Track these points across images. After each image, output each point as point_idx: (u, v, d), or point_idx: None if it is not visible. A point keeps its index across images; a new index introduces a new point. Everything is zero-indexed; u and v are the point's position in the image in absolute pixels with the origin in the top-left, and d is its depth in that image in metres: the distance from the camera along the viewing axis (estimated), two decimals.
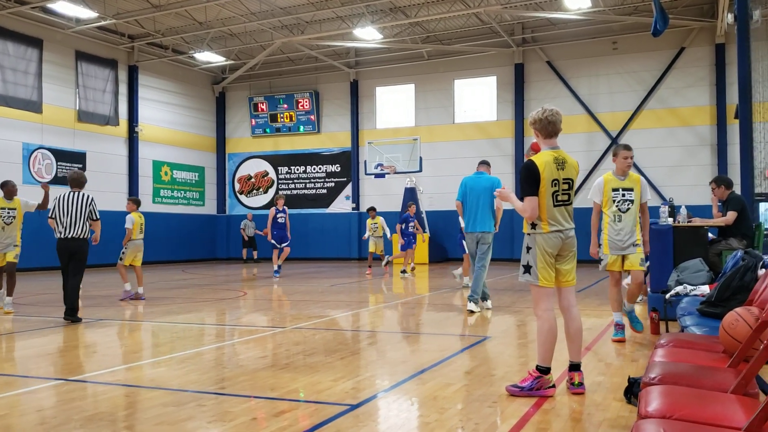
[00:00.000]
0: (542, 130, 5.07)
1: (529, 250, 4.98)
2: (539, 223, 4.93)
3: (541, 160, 4.92)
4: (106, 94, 24.24)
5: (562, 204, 4.95)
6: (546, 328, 4.99)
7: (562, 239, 4.98)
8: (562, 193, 4.94)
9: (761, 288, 3.95)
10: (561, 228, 4.95)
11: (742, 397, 2.83)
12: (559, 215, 4.94)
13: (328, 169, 28.15)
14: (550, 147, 5.04)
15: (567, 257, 5.05)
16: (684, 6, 22.12)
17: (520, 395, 4.87)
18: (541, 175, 4.86)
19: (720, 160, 21.96)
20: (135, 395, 5.18)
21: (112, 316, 10.02)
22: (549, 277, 4.97)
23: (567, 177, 4.97)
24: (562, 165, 4.96)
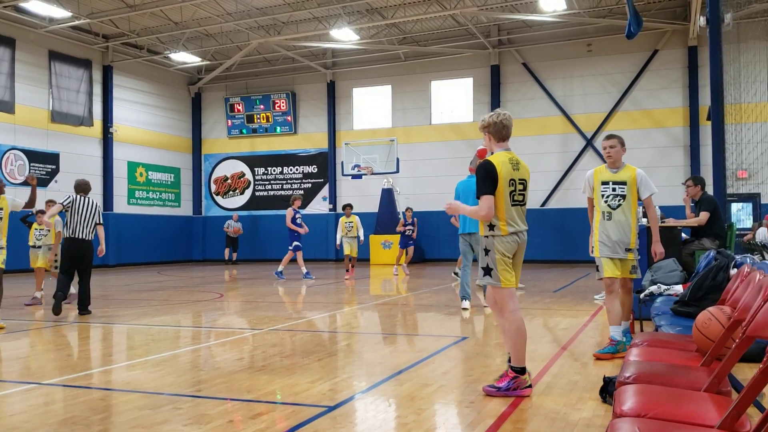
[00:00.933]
0: (496, 134, 5.15)
1: (488, 253, 5.03)
2: (497, 224, 4.97)
3: (498, 159, 4.99)
4: (80, 94, 23.95)
5: (518, 204, 5.05)
6: (515, 328, 5.03)
7: (518, 242, 5.06)
8: (518, 193, 5.04)
9: (733, 287, 4.01)
10: (518, 229, 5.03)
11: (715, 395, 2.87)
12: (516, 215, 5.02)
13: (305, 170, 28.07)
14: (504, 149, 5.12)
15: (518, 258, 5.12)
16: (657, 9, 22.41)
17: (497, 395, 4.89)
18: (499, 175, 4.92)
19: (693, 161, 22.26)
20: (110, 399, 5.12)
21: (86, 319, 9.89)
22: (510, 277, 5.02)
23: (522, 177, 5.08)
24: (517, 166, 5.06)
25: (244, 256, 28.18)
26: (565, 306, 10.95)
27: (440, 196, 23.54)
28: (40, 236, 12.05)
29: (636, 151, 23.02)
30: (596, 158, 23.45)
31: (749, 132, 16.12)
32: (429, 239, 24.87)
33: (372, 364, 6.25)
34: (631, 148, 23.94)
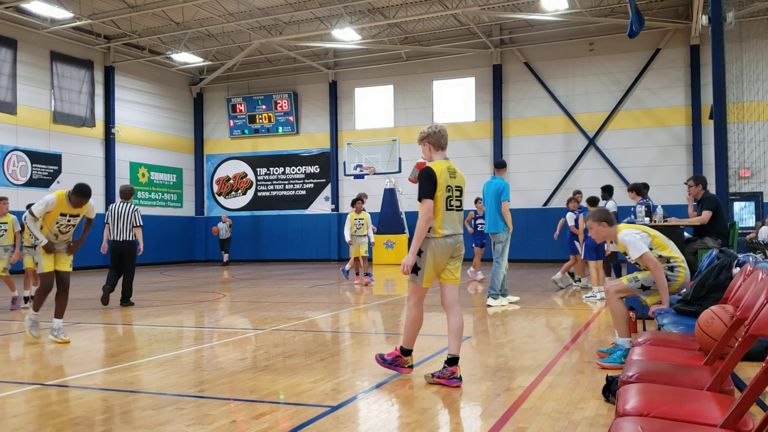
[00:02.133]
0: (435, 144, 5.56)
1: (421, 254, 5.32)
2: (434, 227, 5.27)
3: (438, 167, 5.35)
4: (82, 95, 23.99)
5: (454, 209, 5.37)
6: (412, 318, 5.55)
7: (453, 244, 5.38)
8: (455, 199, 5.38)
9: (736, 286, 4.01)
10: (453, 233, 5.36)
11: (718, 394, 2.86)
12: (450, 221, 5.35)
13: (307, 170, 28.09)
14: (442, 158, 5.52)
15: (457, 258, 5.48)
16: (659, 8, 22.39)
17: (382, 365, 5.61)
18: (438, 181, 5.26)
19: (695, 160, 22.24)
20: (113, 399, 5.12)
21: (89, 319, 9.90)
22: (431, 279, 5.41)
23: (458, 185, 5.45)
24: (454, 174, 5.44)
25: (247, 256, 28.22)
26: (568, 305, 10.94)
27: None
28: None
29: (638, 150, 23.06)
30: (599, 158, 23.46)
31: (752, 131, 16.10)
32: None
33: (374, 364, 6.25)
34: (634, 147, 24.09)
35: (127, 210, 11.48)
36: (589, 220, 5.98)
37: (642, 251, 5.71)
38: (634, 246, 5.73)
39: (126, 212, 11.46)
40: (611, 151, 23.34)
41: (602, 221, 5.93)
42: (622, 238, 5.83)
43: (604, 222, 5.92)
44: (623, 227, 5.99)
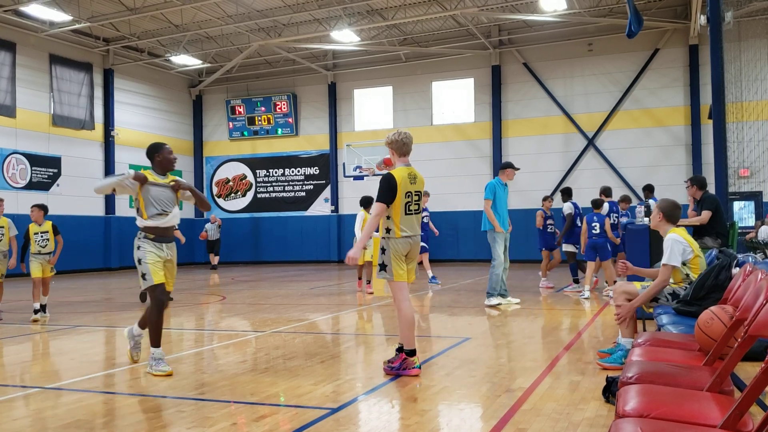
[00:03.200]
0: (398, 150, 5.89)
1: (384, 252, 5.76)
2: (393, 228, 5.72)
3: (399, 174, 5.71)
4: (81, 97, 23.99)
5: (412, 213, 5.78)
6: (403, 316, 5.76)
7: (411, 244, 5.79)
8: (413, 204, 5.77)
9: (735, 287, 4.01)
10: (411, 234, 5.77)
11: (718, 395, 2.86)
12: (409, 223, 5.76)
13: (307, 172, 28.10)
14: (404, 164, 5.86)
15: (413, 259, 5.87)
16: (658, 8, 22.40)
17: (391, 373, 5.64)
18: (398, 188, 5.65)
19: (694, 159, 22.24)
20: (113, 402, 5.12)
21: (88, 322, 9.91)
22: (402, 272, 5.77)
23: (417, 190, 5.82)
24: (414, 180, 5.79)
25: (246, 258, 28.21)
26: (568, 306, 10.95)
27: (443, 196, 23.59)
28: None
29: (637, 150, 23.07)
30: (598, 158, 23.46)
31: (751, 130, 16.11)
32: (430, 240, 24.82)
33: (375, 365, 6.25)
34: (633, 147, 24.11)
35: None
36: (656, 208, 6.03)
37: (671, 261, 5.58)
38: (671, 252, 5.62)
39: None
40: (610, 152, 23.34)
41: (660, 210, 5.96)
42: (668, 239, 5.75)
43: (662, 213, 5.95)
44: (676, 230, 5.85)
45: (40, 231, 10.38)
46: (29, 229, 10.39)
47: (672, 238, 5.72)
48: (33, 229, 10.39)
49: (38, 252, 10.29)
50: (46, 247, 10.35)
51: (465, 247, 24.27)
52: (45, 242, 10.36)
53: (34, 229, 10.39)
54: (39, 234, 10.35)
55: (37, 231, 10.38)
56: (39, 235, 10.34)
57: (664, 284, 5.61)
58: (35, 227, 10.40)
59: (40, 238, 10.33)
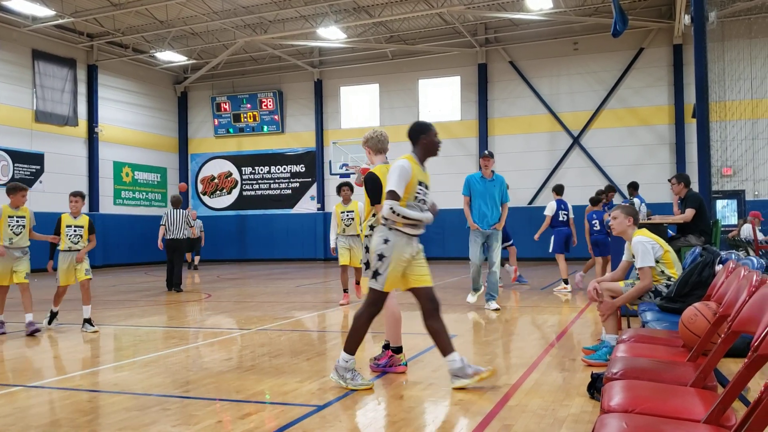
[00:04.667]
0: (374, 148, 6.00)
1: (368, 250, 5.59)
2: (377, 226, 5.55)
3: (381, 172, 5.70)
4: (65, 93, 23.78)
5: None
6: (389, 314, 5.81)
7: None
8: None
9: (719, 283, 4.04)
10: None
11: (702, 390, 2.89)
12: None
13: (293, 170, 28.03)
14: (382, 162, 5.92)
15: None
16: (643, 7, 22.53)
17: (378, 370, 5.70)
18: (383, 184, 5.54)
19: (678, 158, 22.42)
20: (97, 400, 5.09)
21: (72, 320, 9.83)
22: None
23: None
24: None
25: (232, 256, 28.09)
26: (553, 303, 11.00)
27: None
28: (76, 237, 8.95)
29: (622, 148, 23.21)
30: (583, 156, 23.57)
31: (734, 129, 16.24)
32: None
33: (361, 363, 6.24)
34: (618, 146, 24.23)
35: (180, 214, 14.35)
36: (618, 211, 6.09)
37: (647, 263, 5.74)
38: (644, 255, 5.77)
39: (179, 216, 14.32)
40: (595, 150, 23.47)
41: (629, 216, 6.06)
42: (635, 243, 5.86)
43: (631, 218, 6.05)
44: (639, 232, 6.01)
45: (74, 224, 8.82)
46: (61, 220, 8.79)
47: (639, 240, 5.85)
48: (66, 221, 8.78)
49: (68, 248, 8.73)
50: (78, 244, 8.78)
51: (451, 245, 24.29)
52: (78, 238, 8.80)
53: (68, 221, 8.79)
54: (72, 228, 8.79)
55: (70, 224, 8.80)
56: (72, 229, 8.78)
57: (648, 287, 5.72)
58: (69, 219, 8.81)
59: (73, 232, 8.78)
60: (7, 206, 8.51)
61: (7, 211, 8.47)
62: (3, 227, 8.36)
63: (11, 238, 8.42)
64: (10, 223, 8.45)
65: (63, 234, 8.72)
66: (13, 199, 8.53)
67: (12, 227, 8.46)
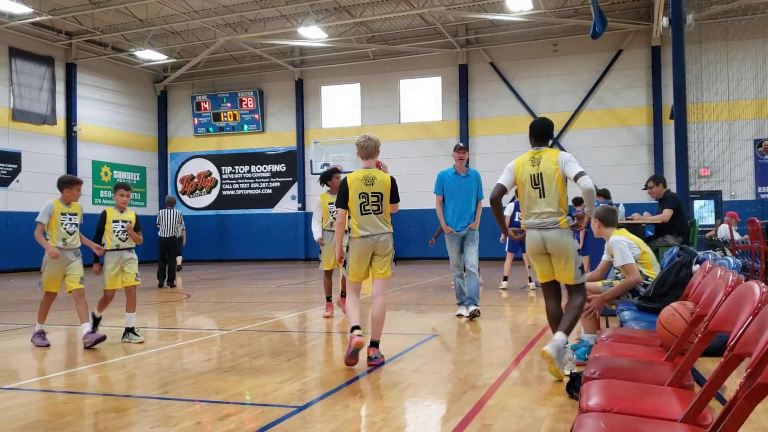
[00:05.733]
0: (358, 153, 6.20)
1: (348, 249, 6.08)
2: (353, 228, 6.02)
3: (352, 177, 6.06)
4: (43, 92, 23.50)
5: (370, 213, 5.99)
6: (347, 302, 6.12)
7: (372, 243, 6.01)
8: (370, 204, 5.99)
9: (696, 283, 4.08)
10: (369, 233, 5.98)
11: (679, 389, 2.91)
12: (366, 223, 5.99)
13: (273, 169, 27.92)
14: (364, 167, 6.14)
15: (381, 255, 6.07)
16: (621, 9, 22.73)
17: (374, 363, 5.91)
18: (350, 190, 6.00)
19: (656, 159, 22.63)
20: (74, 402, 5.03)
21: (49, 321, 9.70)
22: (358, 273, 6.06)
23: (375, 191, 6.01)
24: (371, 182, 6.01)
25: (212, 256, 27.92)
26: (532, 303, 11.05)
27: (410, 194, 23.59)
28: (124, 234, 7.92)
29: (601, 149, 23.40)
30: None
31: (711, 130, 16.44)
32: (399, 238, 24.87)
33: (341, 363, 6.24)
34: (597, 147, 24.45)
35: (174, 214, 15.38)
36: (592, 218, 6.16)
37: (627, 260, 5.88)
38: (621, 253, 5.91)
39: (173, 215, 15.35)
40: (575, 151, 23.59)
41: (596, 218, 6.22)
42: (612, 242, 5.99)
43: (598, 220, 6.21)
44: (617, 232, 6.15)
45: (121, 219, 7.71)
46: (107, 215, 7.69)
47: (616, 240, 5.97)
48: (112, 216, 7.68)
49: (116, 247, 7.63)
50: (126, 241, 7.70)
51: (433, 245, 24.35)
52: (126, 235, 7.70)
53: (114, 216, 7.69)
54: (120, 223, 7.69)
55: (117, 219, 7.69)
56: (120, 225, 7.67)
57: (637, 281, 5.85)
58: (116, 213, 7.73)
59: (120, 228, 7.67)
60: (59, 201, 7.47)
61: (59, 207, 7.43)
62: (56, 226, 7.34)
63: (65, 239, 7.39)
64: (63, 221, 7.41)
65: (109, 231, 7.61)
66: (67, 193, 7.52)
67: (65, 226, 7.42)
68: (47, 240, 7.32)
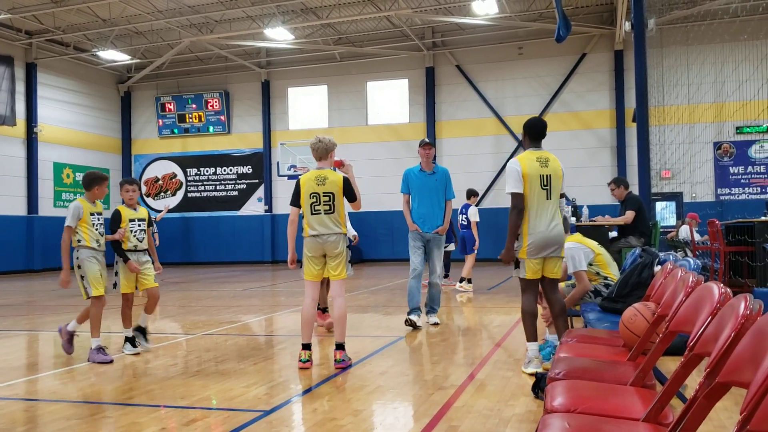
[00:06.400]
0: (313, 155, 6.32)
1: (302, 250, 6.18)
2: (305, 228, 6.14)
3: (305, 177, 6.18)
4: (2, 92, 22.99)
5: (318, 213, 6.07)
6: (303, 312, 6.15)
7: (321, 243, 6.07)
8: (322, 204, 6.07)
9: (657, 284, 4.16)
10: (318, 233, 6.06)
11: (641, 389, 2.96)
12: (315, 223, 6.07)
13: (239, 171, 27.71)
14: (318, 167, 6.25)
15: (332, 256, 6.10)
16: (585, 13, 23.05)
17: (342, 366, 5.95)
18: (301, 190, 6.14)
19: (619, 161, 22.99)
20: (34, 409, 4.94)
21: (8, 326, 9.51)
22: (310, 272, 6.15)
23: (326, 191, 6.08)
24: (323, 181, 6.10)
25: (177, 259, 27.59)
26: (499, 303, 11.14)
27: (377, 196, 23.63)
28: None
29: (566, 151, 23.62)
30: None
31: (672, 133, 16.75)
32: (366, 239, 24.88)
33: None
34: (561, 149, 24.73)
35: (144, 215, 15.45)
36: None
37: (578, 268, 6.00)
38: (572, 260, 6.02)
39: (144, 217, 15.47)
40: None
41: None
42: (566, 249, 5.92)
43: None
44: (571, 238, 6.23)
45: (137, 218, 7.19)
46: (121, 215, 7.09)
47: (569, 246, 6.07)
48: (128, 215, 7.13)
49: (134, 248, 7.09)
50: (143, 241, 7.21)
51: (400, 246, 24.36)
52: (143, 235, 7.22)
53: (129, 214, 7.14)
54: (136, 222, 7.18)
55: (133, 217, 7.16)
56: (136, 224, 7.17)
57: (586, 288, 5.99)
58: (130, 212, 7.18)
59: (137, 227, 7.17)
60: (86, 201, 6.85)
61: (87, 207, 6.80)
62: (87, 227, 6.75)
63: (97, 240, 6.83)
64: (93, 221, 6.83)
65: (127, 231, 7.07)
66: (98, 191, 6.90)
67: (96, 227, 6.85)
68: (79, 243, 6.71)
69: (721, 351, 2.04)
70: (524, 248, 5.35)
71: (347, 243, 6.34)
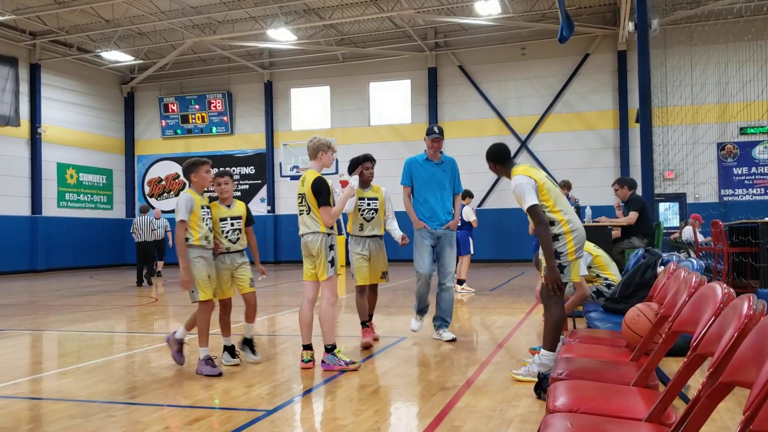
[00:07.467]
0: None
1: None
2: None
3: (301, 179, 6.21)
4: (6, 93, 23.04)
5: (302, 213, 6.10)
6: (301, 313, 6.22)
7: (304, 242, 6.09)
8: (301, 205, 6.10)
9: (660, 284, 4.15)
10: (302, 233, 6.10)
11: (644, 389, 2.96)
12: (300, 222, 6.13)
13: (242, 171, 27.73)
14: (308, 167, 6.23)
15: (311, 255, 6.07)
16: (588, 14, 23.03)
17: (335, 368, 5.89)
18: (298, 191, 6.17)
19: (622, 162, 22.96)
20: (39, 408, 4.95)
21: (13, 326, 9.53)
22: (305, 271, 6.17)
23: (302, 192, 6.07)
24: (303, 182, 6.10)
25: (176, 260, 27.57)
26: (502, 304, 11.14)
27: None
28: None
29: (568, 152, 23.67)
30: (530, 160, 23.94)
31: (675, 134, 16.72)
32: None
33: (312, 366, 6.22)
34: (564, 150, 24.73)
35: (145, 220, 17.59)
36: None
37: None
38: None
39: (148, 222, 17.58)
40: (542, 154, 23.87)
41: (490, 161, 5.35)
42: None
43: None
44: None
45: (230, 216, 6.34)
46: (211, 213, 6.26)
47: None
48: (218, 213, 6.30)
49: (226, 250, 6.27)
50: (237, 242, 6.32)
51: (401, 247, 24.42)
52: (237, 234, 6.33)
53: (221, 212, 6.32)
54: (229, 220, 6.31)
55: (225, 215, 6.31)
56: (229, 223, 6.31)
57: (585, 295, 6.06)
58: (222, 209, 6.35)
59: (230, 226, 6.30)
60: (195, 192, 6.15)
61: (198, 199, 6.12)
62: (197, 222, 6.01)
63: (207, 237, 6.07)
64: (203, 216, 6.08)
65: (217, 232, 6.25)
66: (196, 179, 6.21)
67: (206, 221, 6.09)
68: (186, 241, 5.96)
69: (724, 351, 2.04)
70: (572, 249, 4.95)
71: (330, 243, 5.95)
